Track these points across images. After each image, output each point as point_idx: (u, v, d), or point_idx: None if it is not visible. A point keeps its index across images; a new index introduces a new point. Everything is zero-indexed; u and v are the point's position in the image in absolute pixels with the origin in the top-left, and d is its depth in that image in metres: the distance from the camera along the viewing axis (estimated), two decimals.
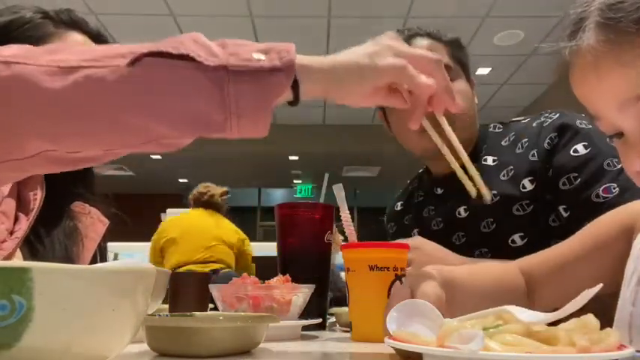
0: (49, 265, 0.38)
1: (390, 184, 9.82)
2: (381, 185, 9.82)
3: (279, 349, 0.65)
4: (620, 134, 0.56)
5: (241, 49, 0.54)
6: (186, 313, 0.70)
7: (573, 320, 0.45)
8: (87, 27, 1.00)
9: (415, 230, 1.21)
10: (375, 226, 2.13)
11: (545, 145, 1.02)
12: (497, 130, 1.18)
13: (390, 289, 0.71)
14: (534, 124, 1.08)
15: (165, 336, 0.58)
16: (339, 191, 0.85)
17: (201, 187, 3.33)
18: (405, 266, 0.75)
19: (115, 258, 3.79)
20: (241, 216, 11.49)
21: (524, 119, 1.15)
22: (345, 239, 1.11)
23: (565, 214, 0.97)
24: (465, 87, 1.16)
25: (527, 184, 1.02)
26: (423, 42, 1.15)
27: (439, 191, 1.18)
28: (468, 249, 1.06)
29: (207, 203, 3.26)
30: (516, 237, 1.02)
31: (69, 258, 0.92)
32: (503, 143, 1.13)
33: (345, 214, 0.84)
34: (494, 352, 0.39)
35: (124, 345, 0.45)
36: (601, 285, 0.46)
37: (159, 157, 8.13)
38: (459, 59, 1.18)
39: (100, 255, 1.06)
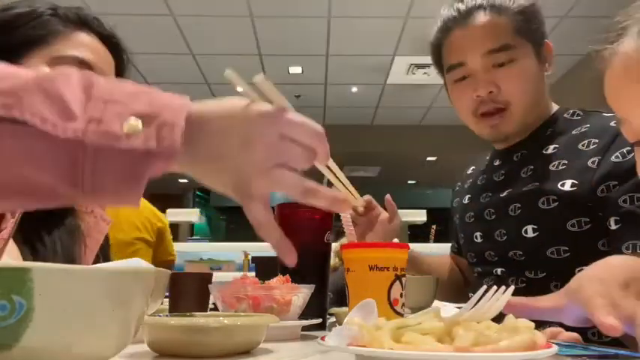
0: (49, 265, 0.38)
1: (390, 184, 9.82)
2: (381, 185, 9.82)
3: (279, 349, 0.65)
4: None
5: (111, 109, 0.40)
6: (186, 313, 0.70)
7: (509, 320, 0.47)
8: (98, 27, 0.97)
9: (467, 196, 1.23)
10: None
11: (613, 158, 0.93)
12: (573, 118, 1.09)
13: (390, 290, 0.71)
14: (612, 124, 0.98)
15: (165, 336, 0.58)
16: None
17: None
18: (405, 267, 0.74)
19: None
20: (241, 216, 11.53)
21: (609, 115, 1.02)
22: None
23: (588, 220, 0.93)
24: (526, 67, 1.06)
25: (567, 185, 0.96)
26: (480, 18, 1.06)
27: (497, 163, 1.17)
28: (491, 227, 1.07)
29: None
30: (529, 228, 0.99)
31: (70, 258, 0.91)
32: (573, 132, 1.05)
33: (345, 214, 0.84)
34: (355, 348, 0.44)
35: (124, 345, 0.45)
36: (513, 288, 0.50)
37: None
38: (527, 31, 1.07)
39: (103, 255, 1.05)
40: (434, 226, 4.42)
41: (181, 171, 0.47)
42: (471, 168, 1.33)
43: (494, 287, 0.51)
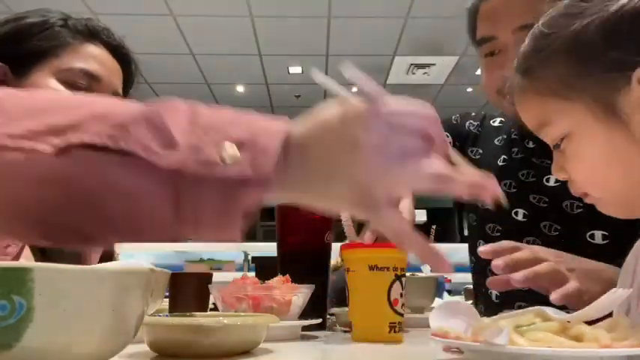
0: (49, 265, 0.38)
1: None
2: None
3: (279, 349, 0.65)
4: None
5: (210, 136, 0.39)
6: (186, 313, 0.70)
7: (607, 320, 0.49)
8: (107, 38, 0.97)
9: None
10: None
11: None
12: None
13: (390, 290, 0.71)
14: None
15: (165, 336, 0.58)
16: None
17: None
18: (405, 266, 0.74)
19: (116, 258, 3.78)
20: None
21: None
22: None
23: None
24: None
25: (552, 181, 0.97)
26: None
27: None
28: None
29: None
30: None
31: (77, 258, 0.91)
32: None
33: (344, 214, 0.83)
34: (519, 347, 0.44)
35: (124, 345, 0.45)
36: (630, 290, 0.50)
37: None
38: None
39: (109, 255, 1.05)
40: (434, 227, 4.42)
41: (290, 200, 0.44)
42: (498, 120, 1.19)
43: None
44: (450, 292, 3.15)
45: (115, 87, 0.98)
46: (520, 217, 1.04)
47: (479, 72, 4.01)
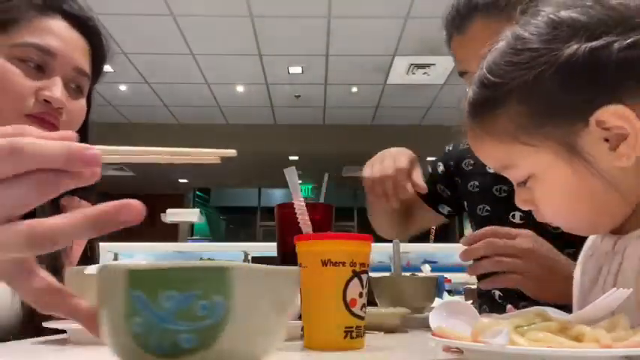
0: (247, 265, 0.38)
1: None
2: None
3: (279, 349, 0.65)
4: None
5: None
6: None
7: (607, 320, 0.49)
8: (70, 9, 0.90)
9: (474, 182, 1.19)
10: None
11: None
12: None
13: (345, 288, 0.62)
14: None
15: None
16: (291, 175, 0.76)
17: None
18: (367, 262, 0.65)
19: (115, 258, 3.79)
20: (241, 216, 11.53)
21: None
22: None
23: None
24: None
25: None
26: (477, 22, 0.97)
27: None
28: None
29: None
30: (517, 214, 1.02)
31: (54, 253, 0.89)
32: None
33: (298, 202, 0.76)
34: (518, 347, 0.44)
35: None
36: (630, 290, 0.49)
37: None
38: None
39: (91, 251, 1.01)
40: (433, 227, 4.43)
41: None
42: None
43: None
44: (450, 292, 3.15)
45: (76, 63, 0.91)
46: (517, 220, 1.07)
47: None
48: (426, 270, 2.79)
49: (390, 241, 1.20)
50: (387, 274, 1.24)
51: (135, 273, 0.36)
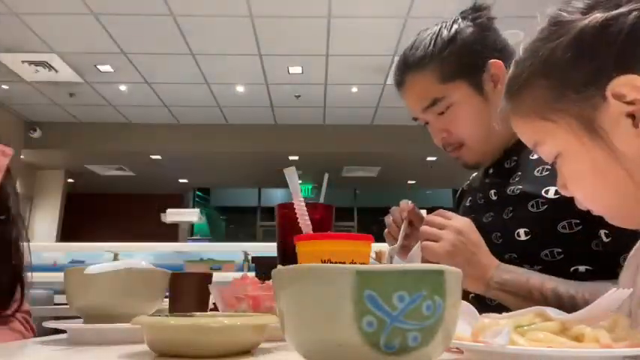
0: (454, 269, 0.41)
1: (389, 184, 9.81)
2: (381, 185, 9.82)
3: (279, 349, 0.65)
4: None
5: None
6: (186, 313, 0.70)
7: (607, 320, 0.49)
8: None
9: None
10: (375, 226, 2.12)
11: None
12: None
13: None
14: None
15: (165, 336, 0.58)
16: (291, 175, 0.77)
17: None
18: (367, 261, 0.67)
19: (115, 258, 3.79)
20: (241, 216, 11.53)
21: None
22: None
23: (578, 222, 0.92)
24: (465, 107, 1.08)
25: (551, 193, 0.95)
26: (407, 81, 1.09)
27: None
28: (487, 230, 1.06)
29: None
30: (521, 231, 0.99)
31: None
32: None
33: (298, 202, 0.77)
34: (518, 347, 0.44)
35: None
36: (631, 290, 0.50)
37: (159, 157, 8.13)
38: (456, 71, 1.07)
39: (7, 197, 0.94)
40: None
41: None
42: (466, 184, 1.33)
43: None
44: None
45: None
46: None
47: None
48: None
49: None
50: None
51: (365, 274, 0.38)
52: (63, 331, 0.76)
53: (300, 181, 0.83)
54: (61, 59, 5.59)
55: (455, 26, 1.11)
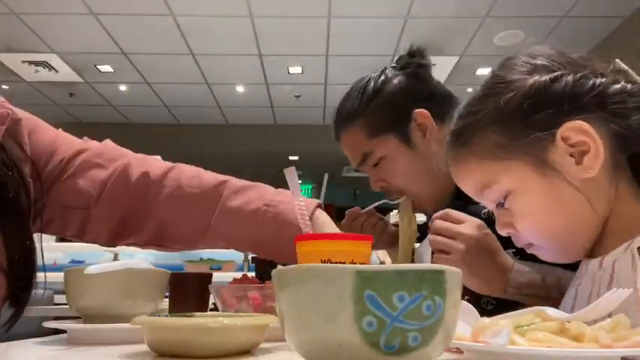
0: (453, 268, 0.42)
1: None
2: None
3: (279, 349, 0.65)
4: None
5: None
6: (186, 313, 0.70)
7: (607, 320, 0.49)
8: None
9: None
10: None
11: None
12: None
13: None
14: None
15: (165, 336, 0.58)
16: (291, 175, 0.77)
17: None
18: (367, 262, 0.67)
19: (115, 258, 3.79)
20: None
21: None
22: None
23: None
24: (396, 159, 1.09)
25: None
26: (340, 138, 1.14)
27: None
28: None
29: None
30: (510, 252, 0.93)
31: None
32: None
33: (298, 202, 0.77)
34: (518, 347, 0.44)
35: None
36: (631, 290, 0.50)
37: (159, 157, 8.11)
38: (381, 126, 1.08)
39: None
40: None
41: None
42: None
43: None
44: None
45: None
46: None
47: (479, 72, 4.07)
48: None
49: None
50: None
51: (365, 274, 0.38)
52: (63, 331, 0.76)
53: (300, 181, 0.84)
54: (61, 59, 5.59)
55: (382, 77, 1.12)
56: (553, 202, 0.66)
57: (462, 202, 1.07)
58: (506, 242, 0.93)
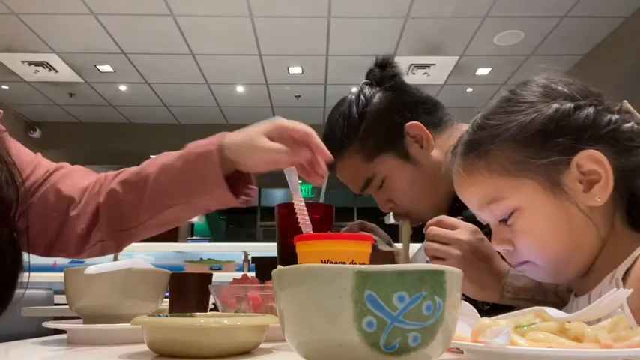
0: (454, 269, 0.42)
1: None
2: None
3: (279, 349, 0.65)
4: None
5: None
6: (186, 313, 0.70)
7: (607, 320, 0.49)
8: None
9: None
10: None
11: None
12: None
13: None
14: None
15: (165, 336, 0.58)
16: (291, 175, 0.78)
17: None
18: (367, 262, 0.67)
19: (115, 258, 3.78)
20: (241, 216, 11.52)
21: None
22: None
23: None
24: (398, 178, 1.07)
25: None
26: (338, 169, 1.11)
27: None
28: None
29: None
30: None
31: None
32: None
33: (298, 202, 0.77)
34: (518, 347, 0.44)
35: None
36: (630, 290, 0.51)
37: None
38: (376, 148, 1.07)
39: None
40: None
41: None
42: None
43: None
44: None
45: None
46: None
47: (479, 72, 4.09)
48: None
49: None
50: None
51: (365, 274, 0.38)
52: (63, 331, 0.76)
53: (300, 181, 0.83)
54: (61, 59, 5.59)
55: (362, 98, 1.09)
56: (561, 224, 0.68)
57: (457, 204, 1.08)
58: None
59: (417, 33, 4.94)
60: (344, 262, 0.62)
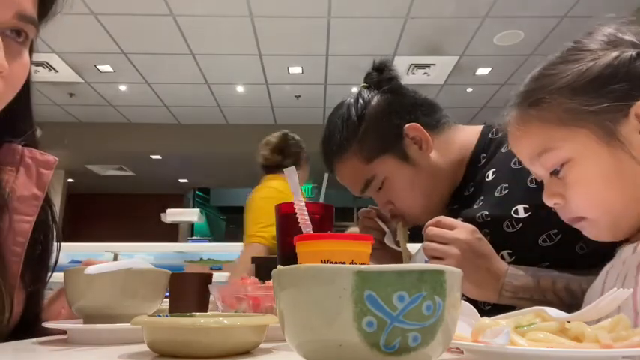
0: (454, 268, 0.42)
1: None
2: None
3: (279, 349, 0.65)
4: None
5: None
6: (186, 313, 0.70)
7: (607, 320, 0.49)
8: None
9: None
10: None
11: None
12: (496, 137, 1.07)
13: None
14: None
15: (165, 336, 0.58)
16: (291, 175, 0.77)
17: None
18: (367, 262, 0.67)
19: (115, 258, 3.79)
20: (241, 216, 11.55)
21: None
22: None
23: (556, 232, 0.90)
24: (397, 179, 1.07)
25: (521, 212, 0.92)
26: (337, 172, 1.13)
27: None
28: None
29: None
30: (505, 253, 0.93)
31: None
32: (503, 150, 1.03)
33: (298, 202, 0.77)
34: (518, 347, 0.44)
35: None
36: (630, 290, 0.51)
37: (159, 157, 8.13)
38: (374, 149, 1.07)
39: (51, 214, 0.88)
40: None
41: None
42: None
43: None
44: None
45: (21, 8, 0.68)
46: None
47: (479, 72, 4.09)
48: None
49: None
50: None
51: (365, 274, 0.38)
52: (63, 332, 0.76)
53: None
54: (61, 59, 5.59)
55: (360, 101, 1.10)
56: (614, 175, 0.66)
57: (456, 206, 1.08)
58: (502, 244, 0.94)
59: (417, 33, 4.95)
60: (344, 262, 0.62)
